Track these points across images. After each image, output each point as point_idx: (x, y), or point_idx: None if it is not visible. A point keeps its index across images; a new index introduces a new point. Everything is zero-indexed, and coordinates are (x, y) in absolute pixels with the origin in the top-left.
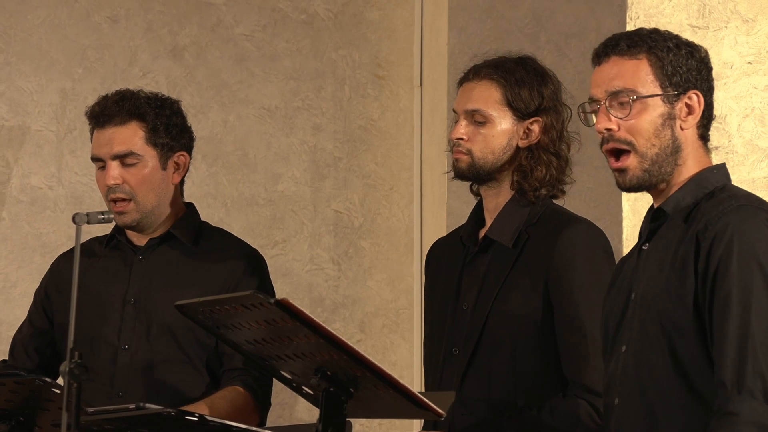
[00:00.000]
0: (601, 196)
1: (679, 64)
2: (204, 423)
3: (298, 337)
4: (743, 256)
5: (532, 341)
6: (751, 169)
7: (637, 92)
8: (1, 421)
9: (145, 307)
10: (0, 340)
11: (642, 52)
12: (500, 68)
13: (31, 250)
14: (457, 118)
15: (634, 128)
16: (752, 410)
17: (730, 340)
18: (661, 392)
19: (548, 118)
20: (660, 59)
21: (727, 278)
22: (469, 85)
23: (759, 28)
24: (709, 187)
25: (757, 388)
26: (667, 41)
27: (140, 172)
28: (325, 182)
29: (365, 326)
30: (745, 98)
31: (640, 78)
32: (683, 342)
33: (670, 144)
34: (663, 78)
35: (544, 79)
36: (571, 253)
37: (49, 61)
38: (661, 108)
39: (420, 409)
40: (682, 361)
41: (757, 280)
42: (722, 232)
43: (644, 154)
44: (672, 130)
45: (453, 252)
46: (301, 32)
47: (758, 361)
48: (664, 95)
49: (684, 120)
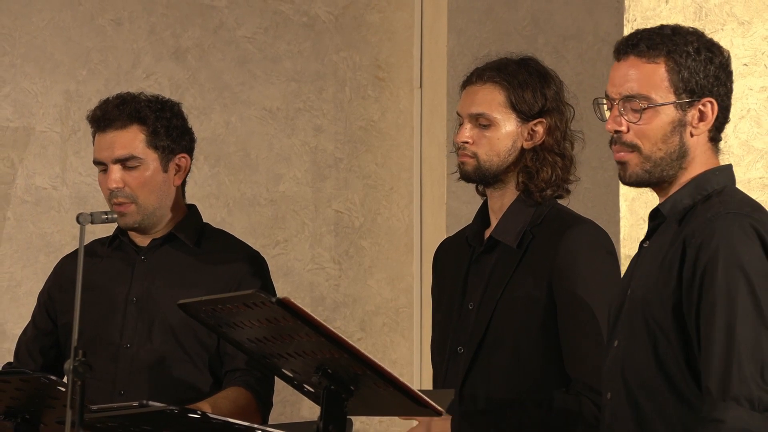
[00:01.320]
0: (598, 197)
1: (697, 71)
2: (206, 421)
3: (300, 336)
4: (728, 264)
5: (535, 340)
6: (746, 170)
7: (650, 99)
8: (7, 418)
9: (147, 307)
10: (5, 338)
11: (661, 55)
12: (503, 71)
13: (35, 249)
14: (461, 121)
15: (643, 132)
16: (737, 417)
17: (715, 347)
18: (646, 389)
19: (552, 119)
20: (678, 65)
21: (712, 286)
22: (472, 89)
23: (754, 31)
24: (708, 190)
25: (742, 396)
26: (687, 45)
27: (142, 175)
28: (326, 183)
29: (365, 325)
30: (740, 100)
31: (655, 84)
32: (665, 342)
33: (677, 149)
34: (678, 84)
35: (547, 80)
36: (575, 253)
37: (54, 63)
38: (673, 115)
39: (420, 407)
40: (664, 360)
41: (742, 289)
42: (708, 239)
43: (648, 157)
44: (681, 137)
45: (459, 252)
46: (303, 35)
47: (743, 369)
48: (678, 103)
49: (695, 126)
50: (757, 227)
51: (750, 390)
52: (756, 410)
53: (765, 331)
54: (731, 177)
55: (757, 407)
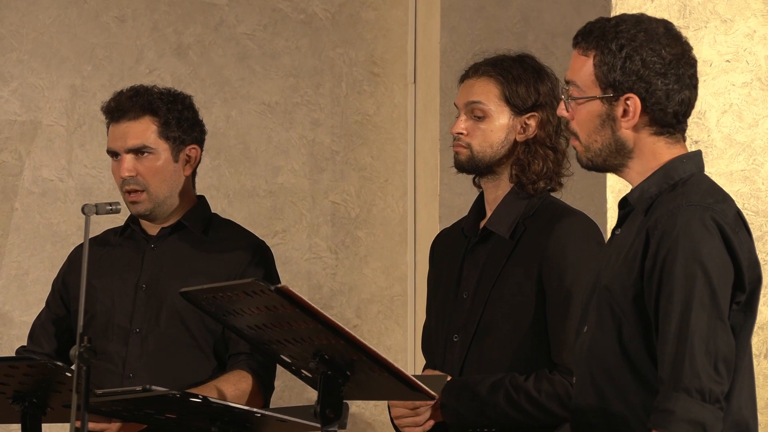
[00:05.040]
0: (586, 188)
1: (614, 67)
2: (208, 404)
3: (297, 323)
4: (687, 256)
5: (527, 327)
6: (729, 162)
7: (579, 91)
8: (15, 402)
9: (156, 293)
10: (12, 325)
11: (590, 49)
12: (498, 66)
13: (42, 239)
14: (458, 114)
15: (578, 123)
16: (687, 408)
17: (670, 338)
18: (610, 374)
19: (545, 114)
20: (601, 60)
21: (671, 278)
22: (469, 82)
23: (737, 28)
24: (675, 178)
25: (693, 387)
26: (613, 41)
27: (153, 165)
28: (323, 175)
29: (361, 312)
30: (723, 95)
31: (583, 77)
32: (628, 329)
33: (612, 142)
34: (602, 79)
35: (541, 75)
36: (564, 243)
37: (60, 59)
38: (599, 108)
39: (413, 391)
40: (627, 347)
41: (699, 281)
42: (669, 231)
43: (588, 147)
44: (612, 130)
45: (455, 242)
46: (300, 31)
47: (695, 361)
48: (601, 97)
49: (624, 121)
50: (718, 220)
51: (701, 382)
52: (707, 402)
53: (720, 323)
54: (699, 164)
55: (708, 399)
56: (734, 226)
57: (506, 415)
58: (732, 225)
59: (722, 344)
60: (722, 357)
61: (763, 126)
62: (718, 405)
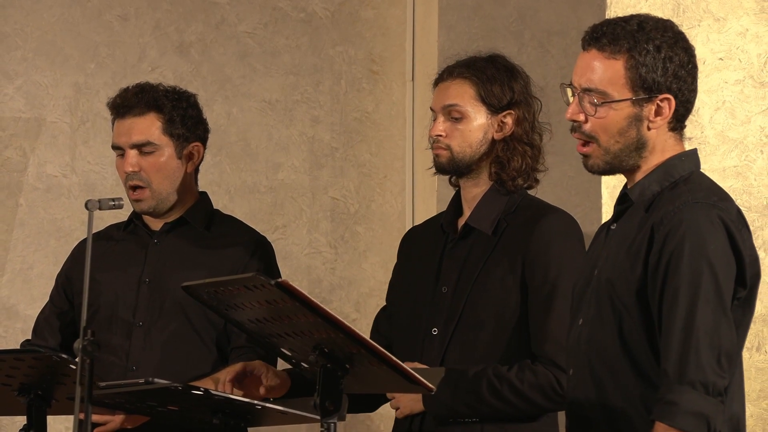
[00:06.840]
0: (581, 184)
1: (655, 68)
2: (209, 397)
3: (297, 317)
4: (694, 252)
5: (509, 321)
6: (722, 159)
7: (607, 95)
8: (21, 394)
9: (159, 287)
10: (17, 318)
11: (621, 51)
12: (472, 67)
13: (46, 234)
14: (435, 117)
15: (600, 126)
16: (691, 401)
17: (675, 332)
18: (609, 367)
19: (520, 111)
20: (636, 62)
21: (677, 273)
22: (444, 85)
23: (729, 27)
24: (675, 176)
25: (697, 380)
26: (648, 42)
27: (157, 161)
28: (323, 171)
29: (360, 306)
30: (716, 92)
31: (613, 80)
32: (630, 322)
33: (635, 142)
34: (636, 81)
35: (514, 74)
36: (547, 239)
37: (64, 56)
38: (629, 110)
39: (412, 384)
40: (627, 340)
41: (706, 277)
42: (676, 228)
43: (607, 149)
44: (638, 130)
45: (431, 239)
46: (300, 30)
47: (700, 355)
48: (634, 99)
49: (652, 121)
50: (724, 217)
51: (705, 375)
52: (710, 395)
53: (725, 318)
54: (696, 162)
55: (711, 392)
56: (738, 224)
57: (489, 405)
58: (736, 223)
59: (726, 339)
60: (725, 351)
61: (756, 123)
62: (720, 398)
